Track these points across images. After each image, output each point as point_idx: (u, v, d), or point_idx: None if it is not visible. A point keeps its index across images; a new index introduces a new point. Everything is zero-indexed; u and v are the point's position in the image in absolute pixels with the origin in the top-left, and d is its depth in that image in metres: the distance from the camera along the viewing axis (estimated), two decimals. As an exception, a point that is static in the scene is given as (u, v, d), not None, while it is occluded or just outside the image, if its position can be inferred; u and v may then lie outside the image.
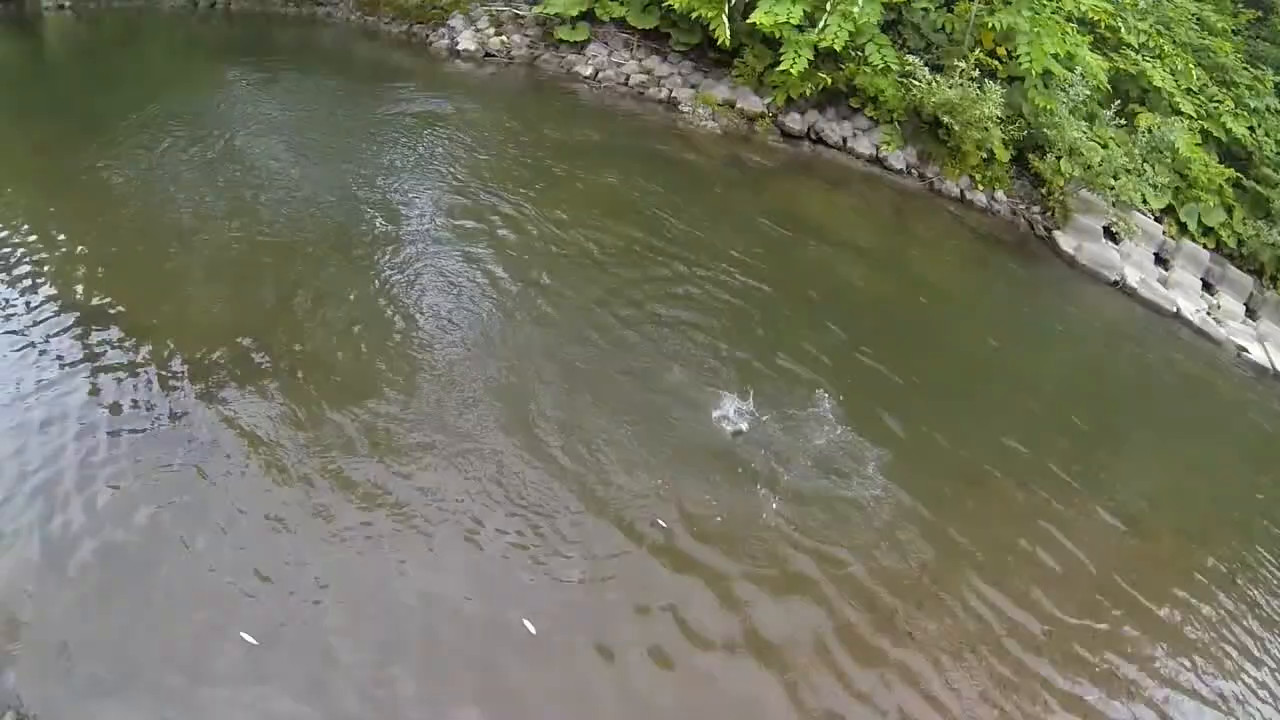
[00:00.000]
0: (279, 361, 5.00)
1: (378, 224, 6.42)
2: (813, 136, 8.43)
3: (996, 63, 8.11)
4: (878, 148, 8.30)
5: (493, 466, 4.43)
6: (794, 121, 8.43)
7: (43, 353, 4.89)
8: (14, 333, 5.01)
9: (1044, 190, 8.17)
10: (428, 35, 9.76)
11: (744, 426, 4.79)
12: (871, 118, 8.48)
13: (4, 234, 5.71)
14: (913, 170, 8.31)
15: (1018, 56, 7.74)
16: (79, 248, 5.66)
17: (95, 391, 4.68)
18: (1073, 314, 7.33)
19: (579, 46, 9.12)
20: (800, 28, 7.63)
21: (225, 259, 5.86)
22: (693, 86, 8.79)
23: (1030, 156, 8.18)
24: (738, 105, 8.51)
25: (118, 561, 3.95)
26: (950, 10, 8.56)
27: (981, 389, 5.79)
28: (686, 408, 4.99)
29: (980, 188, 8.21)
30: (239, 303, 5.44)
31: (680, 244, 6.45)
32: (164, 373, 4.85)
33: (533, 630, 3.75)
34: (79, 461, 4.32)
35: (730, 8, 8.01)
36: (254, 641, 3.62)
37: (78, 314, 5.17)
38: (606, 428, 4.74)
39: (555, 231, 6.46)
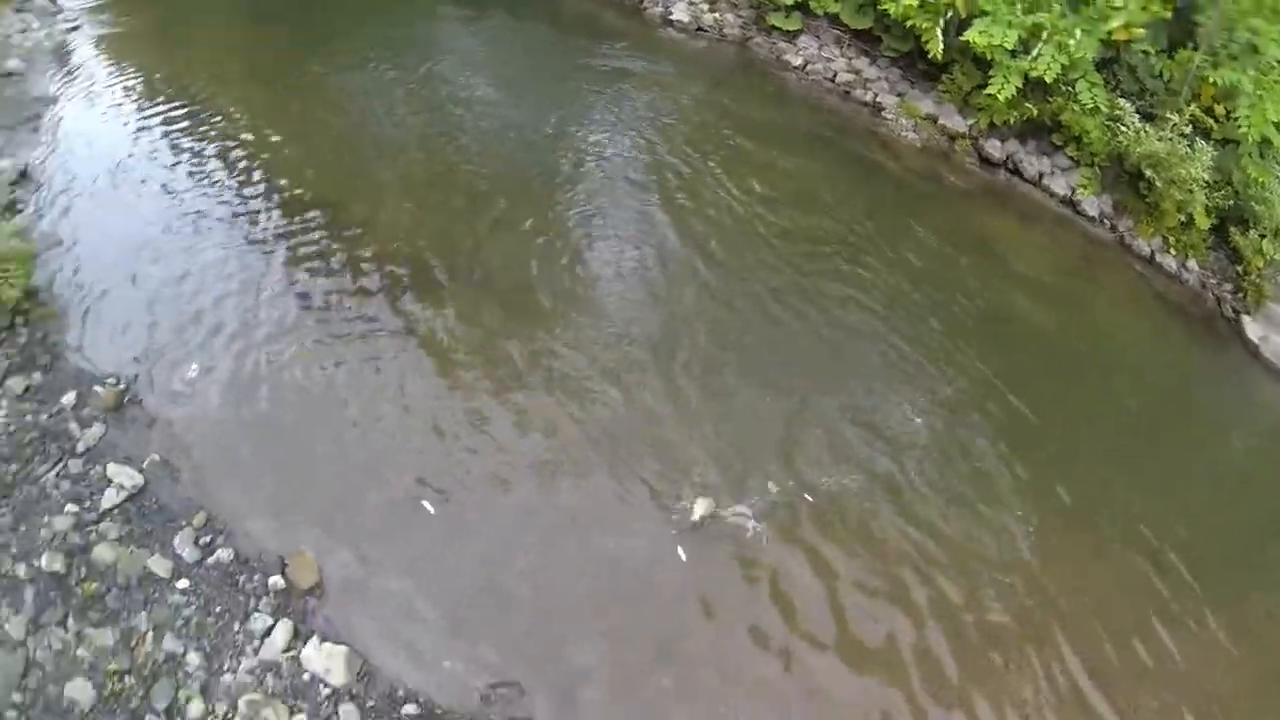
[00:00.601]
0: (454, 272, 6.12)
1: (564, 165, 7.27)
2: (1009, 166, 8.73)
3: (1212, 121, 8.04)
4: (1074, 190, 8.51)
5: (632, 402, 5.36)
6: (993, 148, 8.77)
7: (252, 228, 6.27)
8: (232, 211, 6.36)
9: (1240, 268, 7.98)
10: (642, 0, 10.23)
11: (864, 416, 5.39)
12: (1072, 158, 8.66)
13: (237, 126, 6.96)
14: (1105, 220, 8.50)
15: (1236, 118, 7.52)
16: (295, 146, 6.89)
17: (293, 264, 6.02)
18: (1245, 410, 7.18)
19: (791, 35, 9.65)
20: (1013, 53, 7.77)
21: (419, 175, 6.95)
22: (898, 95, 9.21)
23: (1232, 229, 8.05)
24: (940, 121, 8.92)
25: (297, 405, 5.21)
26: (1171, 57, 8.36)
27: (1121, 461, 5.86)
28: (818, 389, 5.70)
29: (1173, 252, 8.18)
30: (426, 214, 6.51)
31: (852, 242, 6.95)
32: (353, 261, 6.07)
33: (684, 558, 4.66)
34: (273, 319, 5.65)
35: (945, 22, 8.22)
36: (431, 510, 4.76)
37: (285, 201, 6.42)
38: (745, 395, 5.56)
39: (732, 205, 7.09)
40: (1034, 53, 7.63)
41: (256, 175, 6.42)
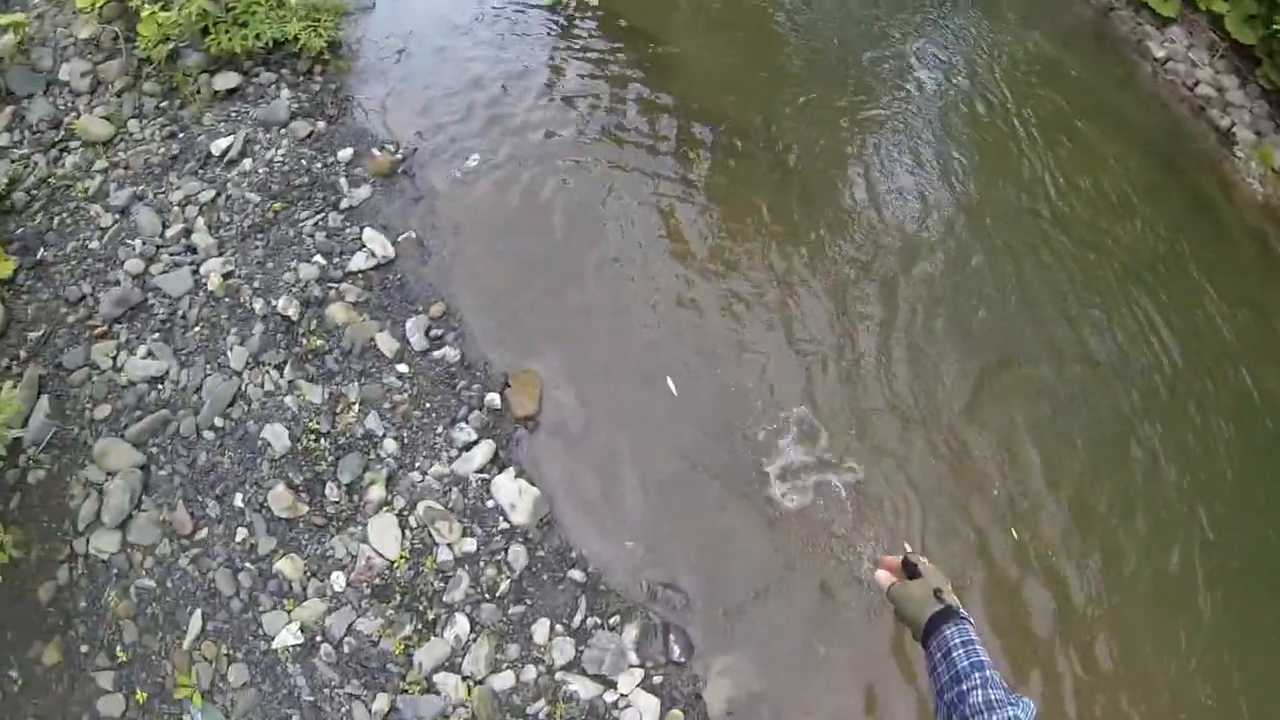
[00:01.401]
0: (750, 139, 5.50)
1: (881, 72, 6.47)
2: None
3: None
4: None
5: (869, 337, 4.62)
6: (1339, 238, 6.54)
7: (564, 38, 5.96)
8: (548, 16, 6.06)
9: None
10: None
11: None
12: None
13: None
14: None
15: None
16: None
17: (597, 85, 5.68)
18: None
19: (1161, 22, 7.89)
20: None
21: (739, 38, 6.33)
22: (1258, 133, 7.25)
23: None
24: None
25: (566, 228, 4.82)
26: None
27: None
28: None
29: None
30: (736, 76, 5.96)
31: (1136, 266, 5.59)
32: (655, 99, 5.63)
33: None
34: (568, 135, 5.31)
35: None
36: (674, 391, 4.23)
37: (601, 19, 6.11)
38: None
39: (1031, 176, 5.97)
40: None
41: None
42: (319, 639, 3.31)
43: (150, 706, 3.28)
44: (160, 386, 3.84)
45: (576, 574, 3.51)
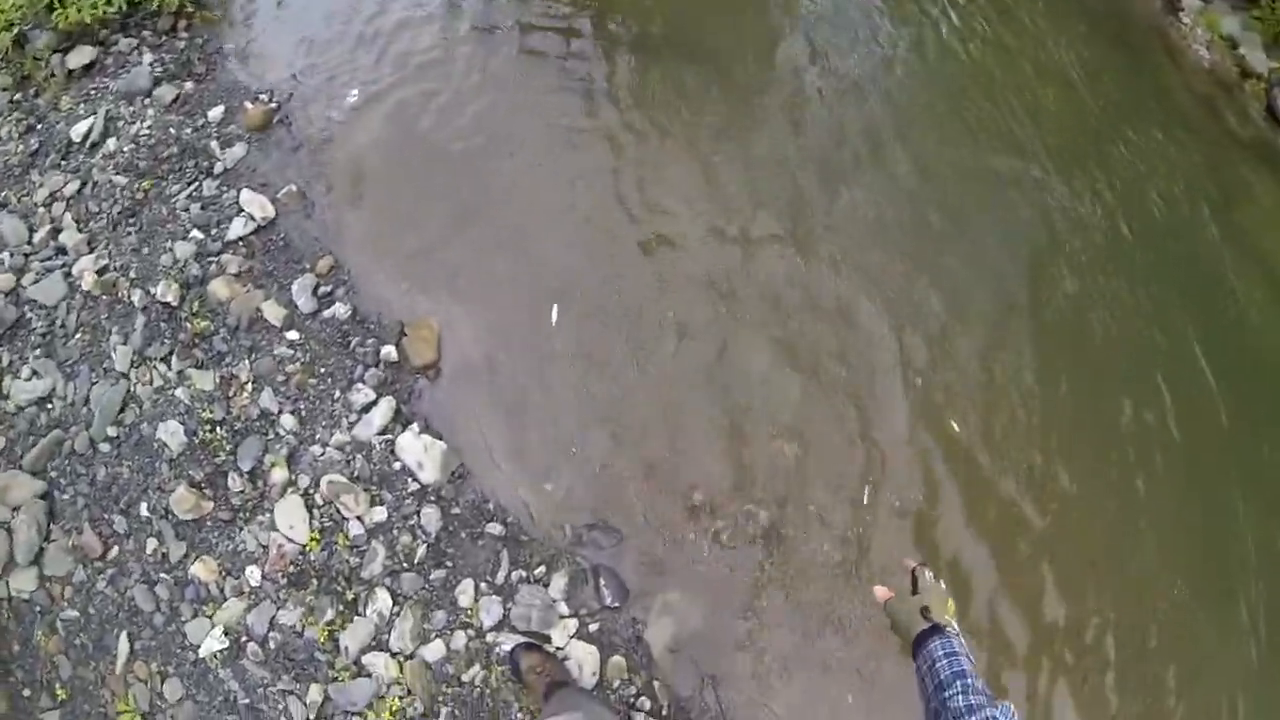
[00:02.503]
0: (676, 44, 5.02)
1: None
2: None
3: None
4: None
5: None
6: (1291, 104, 5.65)
7: None
8: None
9: None
10: None
11: None
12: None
13: None
14: None
15: None
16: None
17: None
18: None
19: None
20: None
21: None
22: (1204, 0, 6.71)
23: None
24: (1240, 50, 6.50)
25: (461, 160, 4.47)
26: None
27: None
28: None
29: None
30: None
31: (1081, 140, 5.12)
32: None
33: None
34: (460, 54, 4.91)
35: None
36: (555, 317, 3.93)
37: None
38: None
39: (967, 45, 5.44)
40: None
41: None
42: (244, 639, 3.28)
43: (99, 737, 3.31)
44: (50, 405, 3.79)
45: (495, 527, 3.35)
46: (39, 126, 4.66)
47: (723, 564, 3.31)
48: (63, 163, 4.50)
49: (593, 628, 3.20)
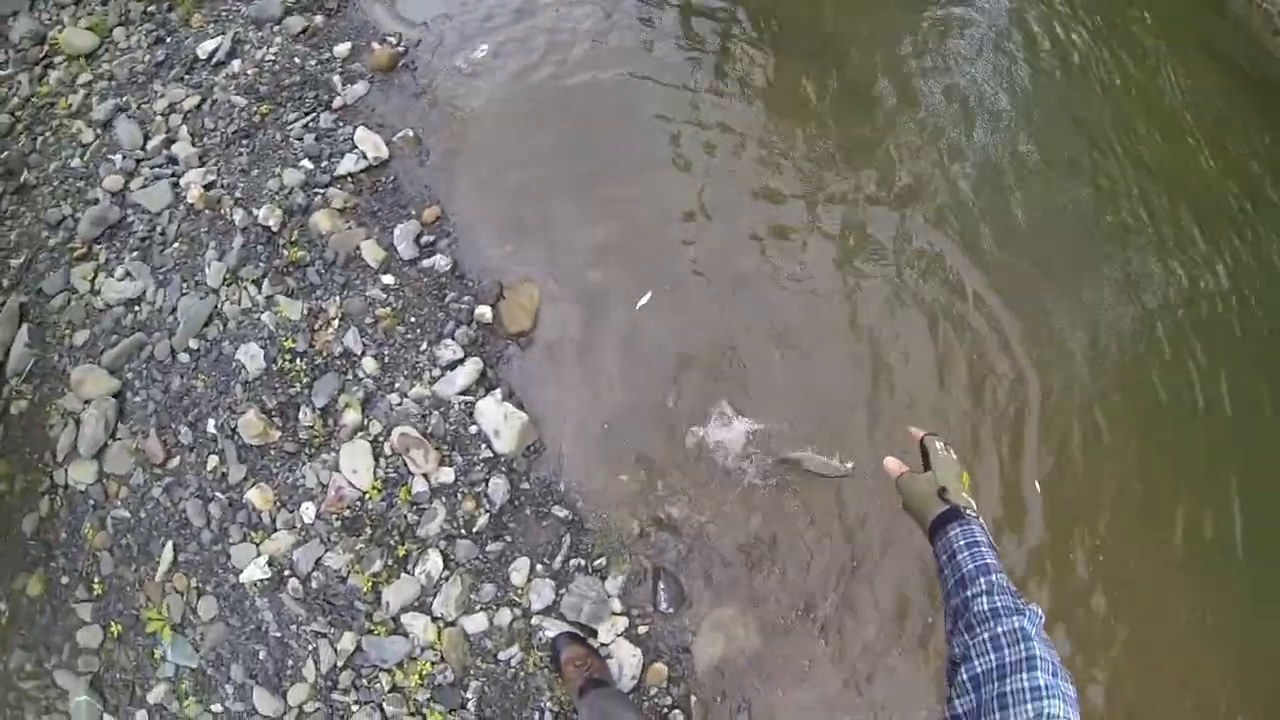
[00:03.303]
0: (798, 38, 4.95)
1: None
2: None
3: None
4: None
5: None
6: None
7: None
8: None
9: None
10: None
11: None
12: None
13: None
14: None
15: None
16: None
17: None
18: None
19: None
20: None
21: None
22: None
23: None
24: None
25: (585, 128, 4.49)
26: None
27: None
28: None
29: None
30: None
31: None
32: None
33: None
34: (591, 23, 4.93)
35: None
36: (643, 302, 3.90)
37: None
38: None
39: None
40: None
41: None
42: (287, 573, 3.31)
43: (126, 638, 3.40)
44: (137, 308, 3.91)
45: (561, 510, 3.33)
46: (168, 39, 4.84)
47: (788, 596, 3.25)
48: (186, 77, 4.66)
49: (641, 630, 3.17)
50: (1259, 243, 4.29)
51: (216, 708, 3.24)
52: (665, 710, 3.08)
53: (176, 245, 4.00)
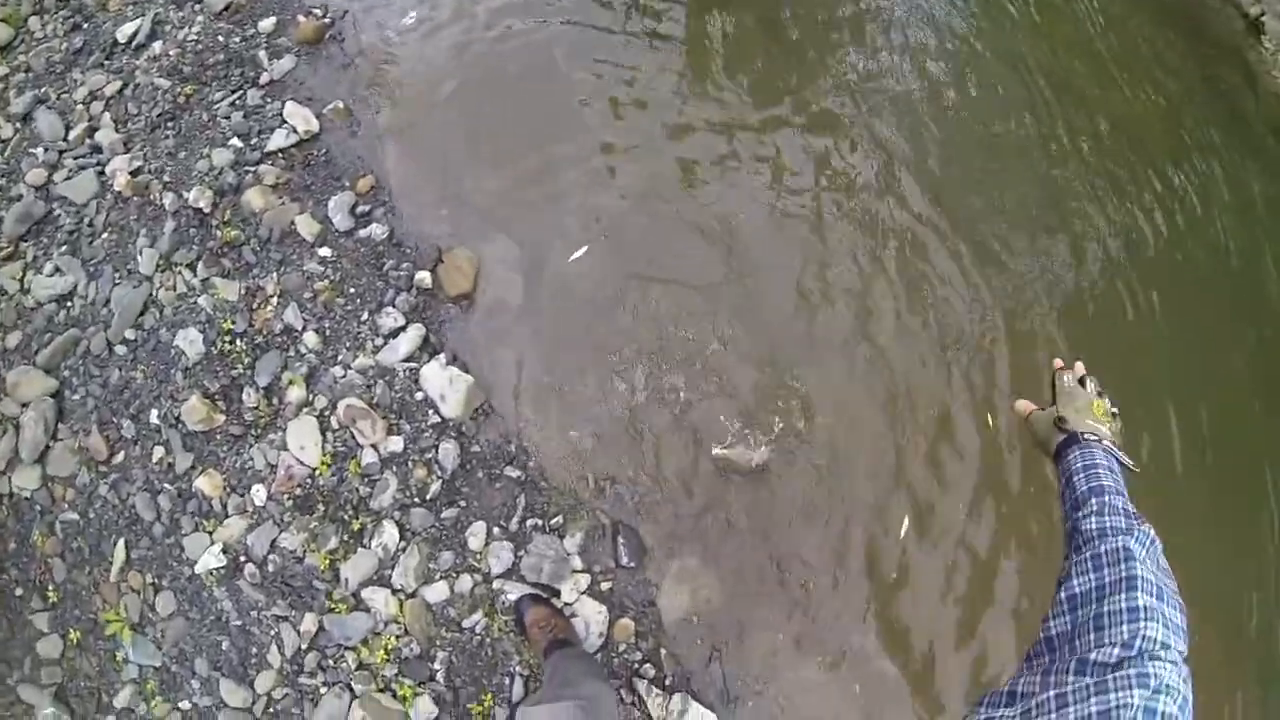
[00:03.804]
0: None
1: None
2: None
3: None
4: None
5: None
6: None
7: None
8: None
9: None
10: None
11: None
12: None
13: None
14: None
15: None
16: None
17: None
18: None
19: None
20: None
21: None
22: None
23: None
24: None
25: (521, 86, 4.50)
26: None
27: None
28: None
29: None
30: None
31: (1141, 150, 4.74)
32: None
33: None
34: None
35: None
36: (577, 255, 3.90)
37: None
38: None
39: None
40: None
41: None
42: (242, 559, 3.30)
43: (86, 644, 3.38)
44: (69, 304, 3.86)
45: (514, 471, 3.31)
46: (85, 25, 4.77)
47: (749, 538, 3.25)
48: (106, 63, 4.59)
49: (605, 586, 3.16)
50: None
51: (185, 705, 3.22)
52: (636, 665, 3.07)
53: (106, 235, 3.95)
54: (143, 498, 3.43)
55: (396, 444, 3.33)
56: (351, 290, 3.69)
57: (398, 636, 3.10)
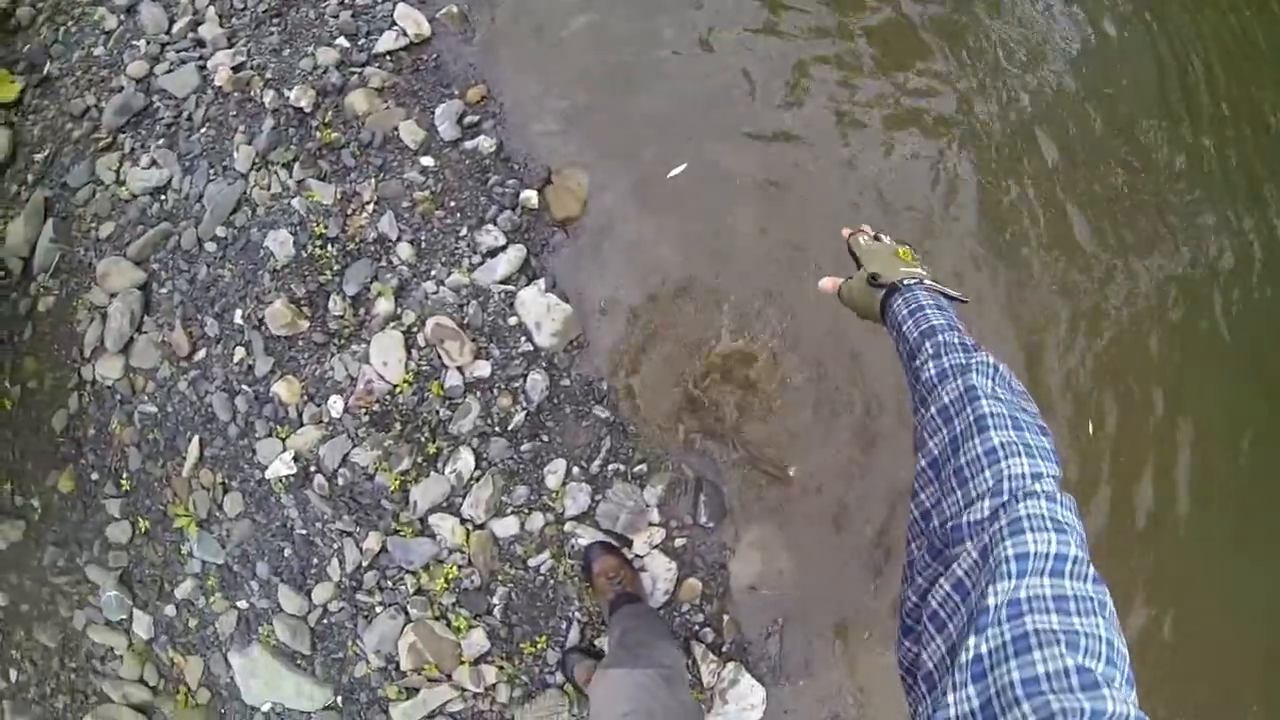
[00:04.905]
0: None
1: None
2: None
3: None
4: None
5: None
6: None
7: None
8: None
9: None
10: None
11: None
12: None
13: None
14: None
15: None
16: None
17: None
18: None
19: None
20: None
21: None
22: None
23: None
24: None
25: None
26: None
27: None
28: None
29: None
30: None
31: None
32: None
33: None
34: None
35: None
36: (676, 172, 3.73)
37: None
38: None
39: None
40: None
41: None
42: (313, 469, 3.33)
43: (154, 534, 3.49)
44: (163, 197, 3.94)
45: (603, 411, 3.24)
46: (194, -87, 4.81)
47: (833, 521, 3.12)
48: (216, -48, 4.63)
49: (679, 543, 3.08)
50: None
51: (242, 604, 3.29)
52: (696, 627, 3.00)
53: (203, 130, 4.00)
54: (220, 397, 3.47)
55: (483, 369, 3.29)
56: (452, 203, 3.65)
57: (460, 567, 3.08)
